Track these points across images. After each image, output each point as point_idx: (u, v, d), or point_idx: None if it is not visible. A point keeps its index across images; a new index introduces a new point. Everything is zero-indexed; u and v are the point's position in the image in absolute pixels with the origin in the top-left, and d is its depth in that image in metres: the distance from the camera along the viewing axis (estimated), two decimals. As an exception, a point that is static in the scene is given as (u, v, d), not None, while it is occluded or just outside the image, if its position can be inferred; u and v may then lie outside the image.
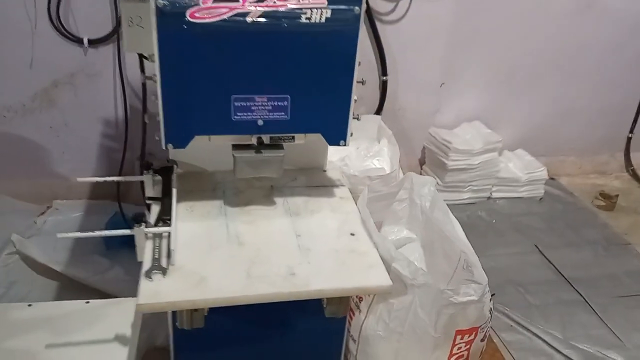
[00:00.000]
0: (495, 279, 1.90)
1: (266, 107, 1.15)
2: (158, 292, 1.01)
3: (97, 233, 1.13)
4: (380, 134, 1.78)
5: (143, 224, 1.13)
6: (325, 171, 1.45)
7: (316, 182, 1.40)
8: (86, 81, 2.14)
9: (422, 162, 2.69)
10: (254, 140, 1.19)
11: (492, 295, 1.32)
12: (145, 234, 1.13)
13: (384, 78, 2.39)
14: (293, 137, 1.23)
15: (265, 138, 1.21)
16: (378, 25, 2.29)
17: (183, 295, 1.00)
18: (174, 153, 1.35)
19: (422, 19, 2.33)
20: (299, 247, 1.16)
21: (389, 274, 1.10)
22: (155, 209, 1.24)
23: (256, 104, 1.14)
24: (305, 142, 1.23)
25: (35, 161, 2.28)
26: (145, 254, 1.09)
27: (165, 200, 1.24)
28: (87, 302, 1.39)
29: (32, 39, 2.03)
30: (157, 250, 1.10)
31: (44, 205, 2.30)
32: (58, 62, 2.10)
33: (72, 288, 1.86)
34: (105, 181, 1.31)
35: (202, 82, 1.10)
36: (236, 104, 1.13)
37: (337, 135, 1.22)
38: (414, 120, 2.59)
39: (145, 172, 1.32)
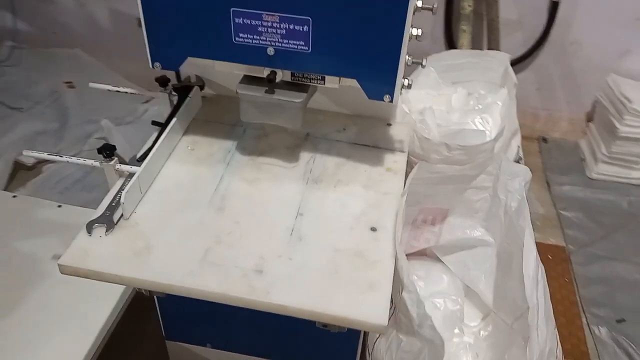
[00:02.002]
0: (635, 299, 1.39)
1: (278, 31, 0.81)
2: (87, 253, 0.80)
3: (65, 158, 0.95)
4: (503, 81, 1.29)
5: (114, 157, 0.91)
6: (389, 125, 1.07)
7: (366, 140, 1.03)
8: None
9: (589, 118, 2.05)
10: (265, 75, 0.86)
11: (618, 321, 0.90)
12: (116, 170, 0.91)
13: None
14: (323, 78, 0.87)
15: (286, 73, 0.88)
16: None
17: (111, 267, 0.78)
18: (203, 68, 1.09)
19: None
20: (292, 231, 0.85)
21: (393, 304, 0.75)
22: (154, 136, 1.01)
23: (264, 24, 0.80)
24: (341, 87, 0.88)
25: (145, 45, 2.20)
26: (106, 197, 0.89)
27: (163, 129, 1.00)
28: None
29: None
30: (119, 194, 0.88)
31: (153, 92, 2.25)
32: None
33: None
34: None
35: (191, -16, 0.79)
36: (236, 20, 0.81)
37: (379, 85, 0.84)
38: (590, 61, 1.94)
39: (161, 89, 1.09)
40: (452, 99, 1.27)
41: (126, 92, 1.15)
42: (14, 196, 1.34)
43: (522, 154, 1.34)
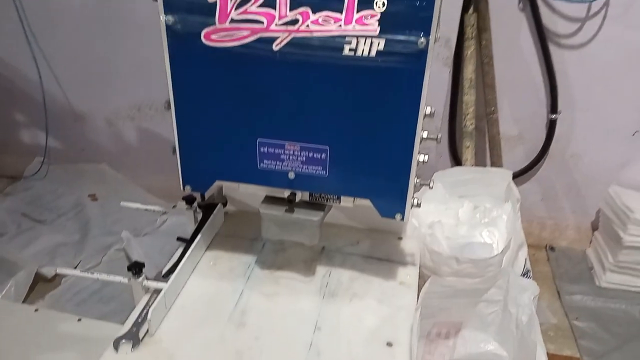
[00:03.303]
0: None
1: (299, 158, 0.89)
2: (113, 369, 0.83)
3: (96, 275, 1.00)
4: (507, 196, 1.36)
5: (143, 273, 0.96)
6: (400, 239, 1.13)
7: (379, 253, 1.08)
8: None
9: (594, 227, 2.10)
10: (286, 195, 0.94)
11: None
12: (143, 287, 0.96)
13: (553, 116, 1.90)
14: (339, 198, 0.95)
15: (304, 194, 0.95)
16: (553, 49, 1.81)
17: (135, 383, 0.81)
18: (227, 186, 1.18)
19: (617, 45, 1.78)
20: (310, 346, 0.88)
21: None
22: (179, 252, 1.07)
23: (286, 152, 0.89)
24: (355, 205, 0.94)
25: (169, 159, 2.32)
26: (133, 313, 0.93)
27: (188, 246, 1.06)
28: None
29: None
30: (146, 310, 0.92)
31: (172, 204, 2.35)
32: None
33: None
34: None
35: (222, 118, 0.89)
36: (262, 149, 0.90)
37: (391, 205, 0.91)
38: (590, 173, 2.03)
39: (187, 207, 1.17)
40: (459, 213, 1.34)
41: (153, 210, 1.22)
42: (36, 310, 1.37)
43: (530, 266, 1.38)
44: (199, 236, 1.05)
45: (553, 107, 1.89)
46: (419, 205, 0.92)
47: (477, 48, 1.82)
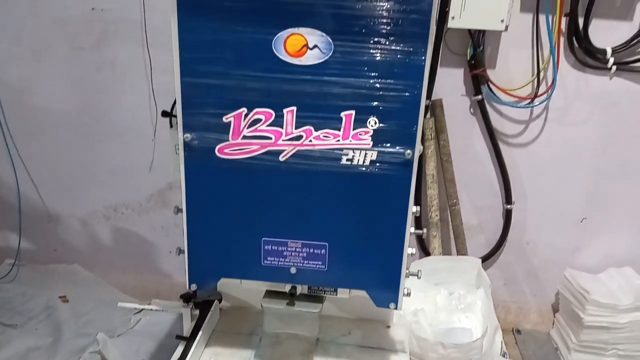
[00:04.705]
0: None
1: (300, 254, 0.99)
2: None
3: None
4: (478, 282, 1.48)
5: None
6: (389, 327, 1.21)
7: (371, 342, 1.16)
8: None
9: (555, 309, 2.23)
10: (287, 289, 1.02)
11: None
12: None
13: (508, 207, 2.08)
14: (335, 290, 1.04)
15: (303, 287, 1.03)
16: (503, 147, 2.02)
17: None
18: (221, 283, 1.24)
19: (559, 143, 2.01)
20: None
21: None
22: (179, 350, 1.11)
23: (289, 249, 0.99)
24: (351, 296, 1.03)
25: (143, 257, 2.36)
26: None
27: (189, 344, 1.10)
28: None
29: (153, 146, 2.16)
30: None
31: (146, 302, 2.34)
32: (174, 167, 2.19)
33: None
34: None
35: (230, 221, 0.98)
36: (266, 247, 0.99)
37: (385, 295, 1.00)
38: (546, 258, 2.19)
39: (184, 304, 1.22)
40: (437, 300, 1.44)
41: (151, 309, 1.26)
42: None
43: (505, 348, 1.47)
44: (199, 334, 1.10)
45: (507, 199, 2.08)
46: (409, 294, 1.02)
47: (437, 147, 2.02)
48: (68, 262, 2.36)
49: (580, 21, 1.81)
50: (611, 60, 1.84)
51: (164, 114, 1.07)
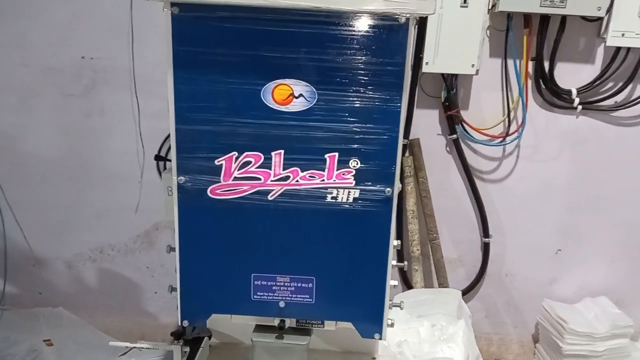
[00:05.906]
0: None
1: (289, 288, 1.04)
2: None
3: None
4: (459, 313, 1.54)
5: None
6: (374, 359, 1.26)
7: (358, 374, 1.20)
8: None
9: (535, 339, 2.29)
10: (276, 323, 1.07)
11: None
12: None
13: (486, 240, 2.16)
14: (322, 322, 1.08)
15: (291, 320, 1.08)
16: (478, 183, 2.12)
17: None
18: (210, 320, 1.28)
19: (532, 179, 2.11)
20: None
21: None
22: (172, 387, 1.14)
23: (278, 284, 1.04)
24: (337, 328, 1.08)
25: (129, 298, 2.37)
26: None
27: (183, 382, 1.14)
28: None
29: (140, 187, 2.20)
30: None
31: (131, 344, 2.33)
32: (160, 208, 2.23)
33: None
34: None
35: (221, 258, 1.03)
36: (256, 282, 1.04)
37: (370, 326, 1.05)
38: (525, 289, 2.26)
39: (175, 342, 1.25)
40: (420, 332, 1.49)
41: (142, 348, 1.28)
42: None
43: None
44: (192, 370, 1.14)
45: (485, 232, 2.16)
46: (392, 325, 1.07)
47: (416, 184, 2.10)
48: (53, 306, 2.36)
49: (546, 64, 1.95)
50: (577, 100, 1.96)
51: (158, 157, 1.13)
